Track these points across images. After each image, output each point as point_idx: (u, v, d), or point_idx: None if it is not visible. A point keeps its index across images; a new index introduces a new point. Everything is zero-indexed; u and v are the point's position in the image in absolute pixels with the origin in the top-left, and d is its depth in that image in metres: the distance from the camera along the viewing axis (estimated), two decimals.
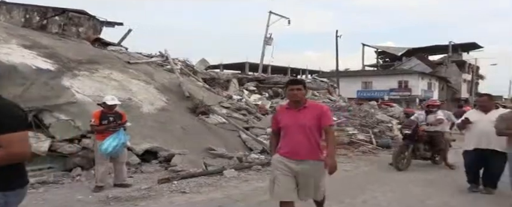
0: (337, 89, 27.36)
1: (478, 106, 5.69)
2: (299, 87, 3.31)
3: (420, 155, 7.63)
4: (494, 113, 5.31)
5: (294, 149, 3.25)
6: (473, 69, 50.78)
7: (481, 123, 5.27)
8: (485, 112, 5.39)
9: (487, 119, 5.22)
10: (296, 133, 3.25)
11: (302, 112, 3.30)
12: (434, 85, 42.64)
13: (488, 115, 5.31)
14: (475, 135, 5.35)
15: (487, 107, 5.43)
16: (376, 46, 53.38)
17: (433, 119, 7.56)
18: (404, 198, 5.18)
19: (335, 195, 5.24)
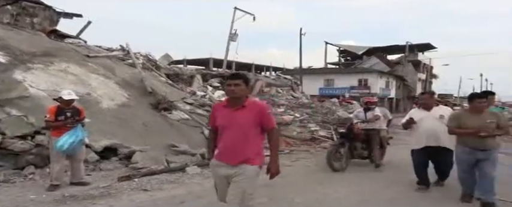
0: (301, 86, 27.79)
1: (420, 104, 5.63)
2: (237, 83, 2.93)
3: (357, 154, 7.37)
4: (436, 110, 5.39)
5: (228, 152, 2.93)
6: (427, 68, 53.45)
7: (426, 121, 5.27)
8: (427, 109, 5.40)
9: (431, 117, 5.28)
10: (231, 134, 2.91)
11: (240, 112, 2.93)
12: (391, 83, 44.41)
13: (431, 112, 5.35)
14: (422, 134, 5.28)
15: (428, 104, 5.45)
16: (339, 45, 54.76)
17: (371, 116, 7.40)
18: (363, 192, 5.37)
19: (298, 190, 5.36)
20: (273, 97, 17.91)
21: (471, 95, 4.77)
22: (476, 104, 4.55)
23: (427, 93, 5.79)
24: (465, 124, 4.57)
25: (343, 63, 55.36)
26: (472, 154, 4.52)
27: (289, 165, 7.51)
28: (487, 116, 4.53)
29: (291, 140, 10.95)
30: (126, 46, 14.34)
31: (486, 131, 4.38)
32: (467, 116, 4.62)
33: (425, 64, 52.76)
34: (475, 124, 4.47)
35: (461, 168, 4.72)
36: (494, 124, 4.46)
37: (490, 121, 4.47)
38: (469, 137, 4.52)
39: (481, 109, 4.54)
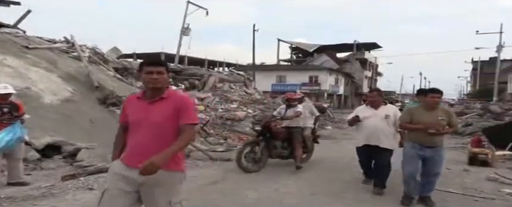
0: (253, 82, 27.96)
1: (368, 102, 5.45)
2: (161, 70, 2.38)
3: (277, 153, 6.73)
4: (383, 109, 5.24)
5: (138, 154, 2.28)
6: (373, 66, 56.18)
7: (371, 119, 5.15)
8: (375, 107, 5.25)
9: (377, 116, 5.15)
10: (144, 132, 2.33)
11: (157, 105, 2.37)
12: (340, 80, 46.08)
13: (378, 110, 5.20)
14: (365, 132, 5.19)
15: (376, 102, 5.27)
16: (291, 42, 55.73)
17: (292, 113, 6.74)
18: (314, 185, 5.53)
19: (250, 185, 5.40)
20: (226, 92, 17.87)
21: (425, 90, 4.74)
22: (429, 99, 4.41)
23: (376, 91, 5.56)
24: (417, 119, 4.45)
25: (295, 60, 56.45)
26: (421, 151, 4.41)
27: None
28: (439, 113, 4.41)
29: (244, 135, 11.01)
30: (70, 38, 13.57)
31: (435, 129, 4.28)
32: (421, 112, 4.48)
33: (372, 62, 55.37)
34: (426, 120, 4.35)
35: (408, 167, 4.50)
36: (445, 122, 4.37)
37: (441, 118, 4.35)
38: (419, 133, 4.41)
39: (434, 104, 4.42)
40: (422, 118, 4.42)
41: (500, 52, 36.71)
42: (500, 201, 4.88)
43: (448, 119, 4.40)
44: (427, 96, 4.48)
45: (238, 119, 12.85)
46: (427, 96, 4.46)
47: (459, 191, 5.26)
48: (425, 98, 4.50)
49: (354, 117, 5.34)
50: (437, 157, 4.44)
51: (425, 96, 4.53)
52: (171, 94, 2.43)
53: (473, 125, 14.28)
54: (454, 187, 5.46)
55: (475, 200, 4.93)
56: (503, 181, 5.97)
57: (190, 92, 16.19)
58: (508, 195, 5.13)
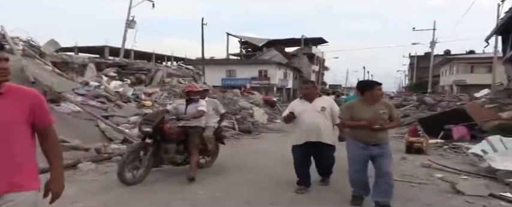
0: (203, 77, 27.67)
1: (303, 95, 5.00)
2: (6, 57, 1.86)
3: (169, 159, 5.52)
4: (318, 101, 4.89)
5: None
6: (320, 61, 57.99)
7: (307, 114, 4.77)
8: (309, 100, 4.88)
9: (312, 109, 4.79)
10: None
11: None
12: (289, 74, 47.02)
13: (312, 103, 4.85)
14: (303, 128, 4.75)
15: (311, 95, 4.91)
16: (240, 37, 55.76)
17: (194, 111, 5.57)
18: (262, 178, 5.63)
19: (199, 181, 5.37)
20: (175, 87, 17.51)
21: (368, 82, 4.37)
22: (376, 93, 4.10)
23: (310, 82, 5.19)
24: (358, 115, 4.09)
25: (244, 55, 56.63)
26: (366, 149, 4.06)
27: None
28: (380, 107, 4.09)
29: None
30: (1, 29, 12.51)
31: (379, 124, 3.97)
32: (361, 107, 4.13)
33: (319, 57, 57.09)
34: (368, 115, 4.02)
35: (354, 167, 4.17)
36: (387, 115, 4.08)
37: (382, 111, 4.05)
38: (362, 130, 4.06)
39: (380, 97, 4.16)
40: (363, 113, 4.07)
41: (433, 47, 39.60)
42: (431, 185, 5.30)
43: (389, 112, 4.12)
44: (373, 89, 4.11)
45: None
46: (374, 89, 4.10)
47: (398, 178, 5.60)
48: (372, 92, 4.10)
49: (288, 114, 4.83)
50: (385, 153, 4.09)
51: (371, 89, 4.12)
52: (13, 90, 1.85)
53: (410, 116, 15.28)
54: (394, 175, 5.82)
55: (411, 185, 5.30)
56: (435, 167, 6.48)
57: (137, 87, 15.66)
58: (438, 180, 5.58)
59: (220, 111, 6.48)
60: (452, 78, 39.56)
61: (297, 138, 4.86)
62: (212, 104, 6.37)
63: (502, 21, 18.19)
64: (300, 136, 4.81)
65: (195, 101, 5.70)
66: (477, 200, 4.48)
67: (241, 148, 9.01)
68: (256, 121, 14.28)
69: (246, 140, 10.49)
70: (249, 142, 10.27)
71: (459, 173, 6.00)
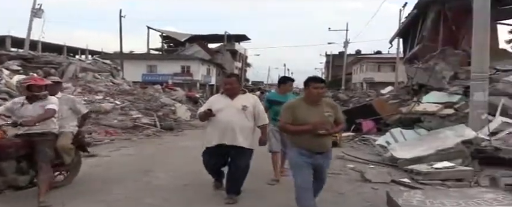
0: (121, 72, 26.31)
1: (224, 90, 4.29)
2: None
3: (7, 182, 4.01)
4: (240, 99, 4.22)
5: None
6: (243, 57, 58.84)
7: (226, 112, 4.09)
8: (231, 97, 4.18)
9: (233, 107, 4.13)
10: None
11: None
12: (212, 71, 46.91)
13: (234, 101, 4.17)
14: (218, 128, 4.09)
15: (234, 90, 4.21)
16: (161, 31, 54.02)
17: (41, 112, 4.07)
18: (185, 175, 5.57)
19: (119, 179, 5.15)
20: (90, 83, 16.39)
21: (308, 79, 3.50)
22: (313, 91, 3.39)
23: (234, 76, 4.57)
24: (301, 118, 3.40)
25: (166, 50, 55.08)
26: (311, 158, 3.40)
27: (108, 155, 7.10)
28: (326, 108, 3.46)
29: (112, 129, 10.34)
30: None
31: (325, 128, 3.34)
32: (303, 108, 3.43)
33: (241, 53, 57.86)
34: (313, 118, 3.36)
35: (301, 179, 3.39)
36: (333, 118, 3.47)
37: (328, 114, 3.42)
38: (305, 136, 3.37)
39: (319, 97, 3.45)
40: (307, 115, 3.39)
41: (346, 47, 42.70)
42: (344, 175, 5.76)
43: (335, 114, 3.50)
44: (309, 86, 3.45)
45: (105, 111, 11.98)
46: (309, 86, 3.40)
47: None
48: (309, 89, 3.45)
49: (205, 111, 4.17)
50: (327, 162, 3.62)
51: (307, 86, 3.49)
52: None
53: None
54: None
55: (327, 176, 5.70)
56: (347, 158, 7.03)
57: None
58: (350, 170, 6.09)
59: (81, 111, 4.97)
60: (363, 76, 43.14)
61: (209, 139, 4.22)
62: (68, 103, 4.82)
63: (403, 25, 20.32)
64: (212, 136, 4.17)
65: (42, 98, 4.17)
66: (381, 186, 4.97)
67: (163, 145, 8.82)
68: (178, 118, 14.05)
69: (168, 138, 10.30)
70: (171, 139, 10.09)
71: (367, 163, 6.60)
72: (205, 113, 4.18)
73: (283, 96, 5.28)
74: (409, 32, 18.98)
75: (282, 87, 5.46)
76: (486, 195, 3.60)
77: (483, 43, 6.88)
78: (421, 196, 3.74)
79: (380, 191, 4.70)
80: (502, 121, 6.75)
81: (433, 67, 10.62)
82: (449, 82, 10.13)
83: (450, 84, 9.89)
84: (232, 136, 4.10)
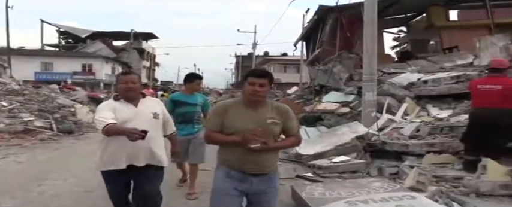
0: (9, 69, 23.40)
1: (123, 92, 3.00)
2: None
3: None
4: (145, 104, 3.06)
5: None
6: (151, 56, 56.73)
7: (137, 123, 2.86)
8: (132, 102, 2.99)
9: (144, 116, 2.97)
10: None
11: None
12: (117, 70, 44.30)
13: (140, 107, 3.01)
14: (128, 144, 2.72)
15: (136, 92, 3.03)
16: (58, 25, 49.31)
17: None
18: (87, 182, 5.21)
19: (6, 191, 4.59)
20: None
21: (251, 72, 2.56)
22: (247, 87, 2.40)
23: (133, 73, 3.34)
24: (231, 124, 2.44)
25: (64, 46, 50.43)
26: (244, 183, 2.45)
27: None
28: (269, 113, 2.46)
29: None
30: None
31: (261, 141, 2.32)
32: (239, 111, 2.46)
33: (149, 52, 55.74)
34: (248, 125, 2.38)
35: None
36: (278, 127, 2.47)
37: (271, 121, 2.44)
38: (235, 150, 2.42)
39: (255, 96, 2.41)
40: (241, 122, 2.42)
41: (255, 49, 44.19)
42: None
43: (283, 122, 2.49)
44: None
45: None
46: (247, 80, 2.43)
47: None
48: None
49: (113, 125, 2.74)
50: (271, 190, 2.53)
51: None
52: None
53: None
54: None
55: None
56: None
57: None
58: None
59: None
60: None
61: (110, 159, 2.95)
62: None
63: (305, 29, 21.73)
64: (117, 156, 2.92)
65: None
66: (287, 181, 5.26)
67: (60, 151, 8.11)
68: (79, 120, 12.99)
69: (67, 142, 9.49)
70: (70, 143, 9.32)
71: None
72: (115, 128, 2.74)
73: (191, 96, 4.65)
74: (311, 36, 20.36)
75: (187, 85, 4.73)
76: (374, 184, 4.08)
77: (372, 49, 7.73)
78: (322, 188, 4.09)
79: (286, 186, 4.94)
80: (387, 118, 7.67)
81: (332, 69, 11.55)
82: (345, 83, 11.13)
83: (346, 85, 10.87)
84: (147, 154, 2.97)
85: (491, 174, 4.09)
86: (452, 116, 6.93)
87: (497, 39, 9.98)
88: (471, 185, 4.07)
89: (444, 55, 12.86)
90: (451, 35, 14.75)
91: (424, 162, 5.41)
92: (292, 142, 2.63)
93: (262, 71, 2.64)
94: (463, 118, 6.24)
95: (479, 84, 5.14)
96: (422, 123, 6.86)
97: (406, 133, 6.55)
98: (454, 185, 4.42)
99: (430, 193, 3.98)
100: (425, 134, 6.30)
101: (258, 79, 2.42)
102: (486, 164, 4.21)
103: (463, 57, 11.19)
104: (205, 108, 4.65)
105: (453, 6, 17.68)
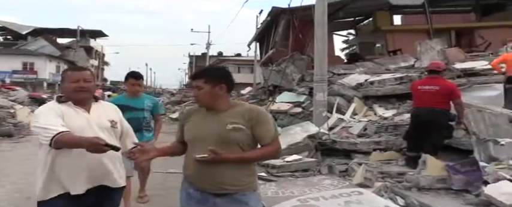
0: None
1: (70, 92, 2.27)
2: None
3: None
4: (98, 110, 2.36)
5: None
6: (99, 55, 54.33)
7: (90, 133, 2.15)
8: (83, 106, 2.30)
9: (97, 124, 2.27)
10: None
11: None
12: (63, 68, 41.99)
13: (93, 113, 2.32)
14: (83, 162, 2.13)
15: (88, 93, 2.32)
16: None
17: None
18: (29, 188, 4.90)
19: None
20: None
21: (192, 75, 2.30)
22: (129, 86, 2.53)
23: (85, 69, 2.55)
24: (189, 130, 2.17)
25: (2, 43, 46.90)
26: (202, 205, 2.07)
27: None
28: (232, 117, 2.06)
29: None
30: None
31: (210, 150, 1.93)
32: (200, 116, 2.16)
33: (98, 51, 53.38)
34: (202, 130, 2.09)
35: None
36: (245, 134, 2.03)
37: (233, 125, 2.02)
38: (188, 160, 2.14)
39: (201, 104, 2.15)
40: (198, 127, 2.12)
41: (209, 48, 43.87)
42: None
43: (251, 127, 2.04)
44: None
45: None
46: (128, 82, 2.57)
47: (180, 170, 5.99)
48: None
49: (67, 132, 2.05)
50: None
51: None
52: None
53: None
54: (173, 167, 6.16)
55: None
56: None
57: None
58: None
59: None
60: None
61: (61, 182, 2.16)
62: None
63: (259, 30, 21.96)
64: (71, 177, 2.15)
65: None
66: None
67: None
68: (20, 123, 12.16)
69: (6, 146, 8.87)
70: (9, 147, 8.71)
71: None
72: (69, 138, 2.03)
73: (135, 99, 3.88)
74: (265, 36, 20.61)
75: (129, 86, 3.96)
76: (325, 182, 4.25)
77: (322, 51, 8.00)
78: (275, 187, 4.18)
79: None
80: (337, 117, 7.97)
81: (285, 70, 11.77)
82: (297, 83, 11.40)
83: (298, 85, 11.15)
84: (105, 173, 2.25)
85: (430, 169, 4.39)
86: (396, 116, 7.36)
87: (435, 43, 10.76)
88: (412, 179, 4.34)
89: (389, 57, 13.59)
90: (395, 39, 15.66)
91: (371, 159, 5.68)
92: (263, 153, 2.09)
93: (196, 71, 2.28)
94: (406, 117, 6.64)
95: (420, 85, 5.51)
96: (369, 122, 7.21)
97: (355, 131, 6.85)
98: (398, 180, 4.68)
99: (376, 189, 4.20)
100: (372, 133, 6.63)
101: (194, 81, 2.14)
102: (426, 160, 4.51)
103: (405, 60, 11.90)
104: (155, 111, 4.14)
105: (397, 11, 18.76)
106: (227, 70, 2.30)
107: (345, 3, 14.59)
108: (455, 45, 14.19)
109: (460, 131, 5.28)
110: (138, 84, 3.95)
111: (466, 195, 3.92)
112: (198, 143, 2.03)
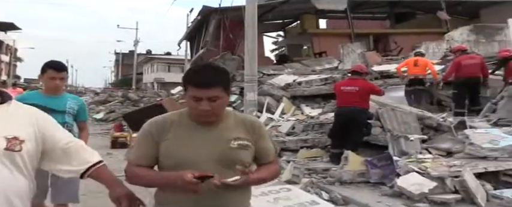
0: None
1: None
2: None
3: None
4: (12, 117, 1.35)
5: None
6: (11, 50, 49.23)
7: None
8: None
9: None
10: None
11: None
12: None
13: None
14: None
15: None
16: None
17: None
18: None
19: None
20: None
21: (187, 76, 1.54)
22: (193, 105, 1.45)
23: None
24: (175, 151, 1.49)
25: None
26: None
27: None
28: (233, 131, 1.53)
29: None
30: None
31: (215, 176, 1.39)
32: (186, 130, 1.52)
33: (9, 45, 48.37)
34: (198, 151, 1.48)
35: None
36: (249, 152, 1.55)
37: (238, 142, 1.51)
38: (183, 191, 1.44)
39: (210, 119, 1.51)
40: (190, 147, 1.49)
41: (137, 46, 41.95)
42: None
43: (255, 143, 1.57)
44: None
45: None
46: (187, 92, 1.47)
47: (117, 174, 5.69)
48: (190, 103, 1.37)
49: None
50: None
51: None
52: None
53: (115, 112, 15.64)
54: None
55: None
56: None
57: None
58: None
59: None
60: (153, 76, 43.44)
61: None
62: None
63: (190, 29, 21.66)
64: None
65: None
66: None
67: None
68: None
69: None
70: None
71: None
72: None
73: (54, 98, 2.84)
74: (195, 36, 20.38)
75: (47, 80, 2.84)
76: None
77: (253, 51, 8.14)
78: None
79: None
80: (267, 117, 8.19)
81: None
82: None
83: None
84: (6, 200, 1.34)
85: (352, 164, 4.72)
86: (321, 114, 7.77)
87: (356, 47, 11.58)
88: (336, 174, 4.62)
89: (315, 59, 14.32)
90: (321, 41, 16.51)
91: (299, 156, 5.93)
92: (269, 173, 1.64)
93: (208, 77, 1.47)
94: (331, 115, 7.04)
95: (342, 85, 5.90)
96: (297, 121, 7.52)
97: (284, 130, 7.09)
98: (323, 176, 4.95)
99: (303, 184, 4.40)
100: (300, 131, 6.93)
101: (204, 90, 1.43)
102: (347, 156, 4.83)
103: (330, 61, 12.63)
104: (80, 117, 2.99)
105: (323, 16, 19.80)
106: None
107: (274, 6, 15.02)
108: (373, 49, 15.38)
109: (377, 129, 5.75)
110: (60, 77, 2.82)
111: (382, 187, 4.28)
112: (188, 169, 1.40)
